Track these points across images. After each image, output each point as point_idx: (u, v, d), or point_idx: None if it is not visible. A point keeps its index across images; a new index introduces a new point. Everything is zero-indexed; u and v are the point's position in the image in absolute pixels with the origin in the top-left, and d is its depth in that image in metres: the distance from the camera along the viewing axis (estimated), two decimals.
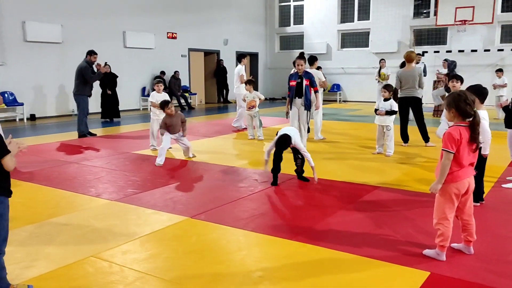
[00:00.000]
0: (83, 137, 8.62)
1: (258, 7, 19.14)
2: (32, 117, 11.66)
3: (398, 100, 7.42)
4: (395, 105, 6.66)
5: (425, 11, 16.29)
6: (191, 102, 15.58)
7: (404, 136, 7.54)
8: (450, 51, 15.16)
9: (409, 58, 7.40)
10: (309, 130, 7.01)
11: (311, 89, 6.79)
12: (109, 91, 11.42)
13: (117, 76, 11.73)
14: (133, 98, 14.36)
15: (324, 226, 3.78)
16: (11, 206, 4.36)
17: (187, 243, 3.44)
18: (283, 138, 4.93)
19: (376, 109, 6.77)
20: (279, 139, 4.95)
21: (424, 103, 8.27)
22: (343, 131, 9.35)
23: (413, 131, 7.59)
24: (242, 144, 8.05)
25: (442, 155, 2.98)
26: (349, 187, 4.98)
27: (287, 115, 7.08)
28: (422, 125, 7.45)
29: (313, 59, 8.16)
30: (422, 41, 16.31)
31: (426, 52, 15.18)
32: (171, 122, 6.37)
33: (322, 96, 14.00)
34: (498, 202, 4.43)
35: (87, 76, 8.67)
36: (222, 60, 17.23)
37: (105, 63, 9.13)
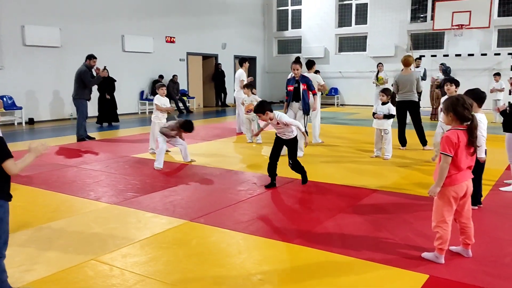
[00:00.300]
0: (82, 141, 8.62)
1: (256, 11, 19.22)
2: (31, 121, 11.65)
3: (396, 104, 7.47)
4: (393, 109, 6.70)
5: (422, 15, 16.39)
6: (189, 106, 15.60)
7: (402, 140, 7.58)
8: (447, 55, 15.23)
9: (406, 62, 7.45)
10: (307, 134, 7.00)
11: (309, 93, 6.82)
12: (108, 96, 11.40)
13: (115, 80, 11.72)
14: (132, 102, 14.36)
15: (323, 229, 3.80)
16: (11, 209, 4.37)
17: (187, 246, 3.45)
18: (261, 101, 5.15)
19: (374, 113, 6.81)
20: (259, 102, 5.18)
21: (421, 107, 8.31)
22: (341, 135, 9.38)
23: (411, 135, 7.63)
24: (240, 147, 8.07)
25: (440, 158, 3.01)
26: (347, 191, 5.01)
27: None
28: (420, 128, 7.49)
29: (311, 63, 8.20)
30: (419, 45, 16.39)
31: (423, 56, 15.23)
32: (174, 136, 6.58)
33: (320, 100, 14.06)
34: (496, 205, 4.46)
35: (86, 80, 8.68)
36: (220, 64, 17.28)
37: (104, 67, 9.14)
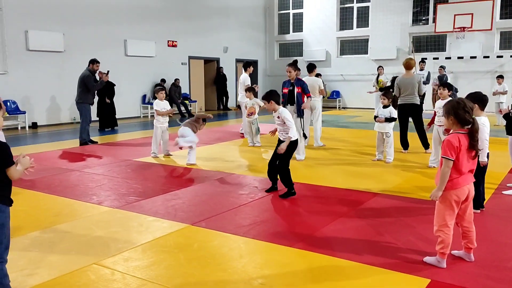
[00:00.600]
0: (85, 145, 8.65)
1: (258, 15, 19.27)
2: (34, 125, 11.70)
3: (397, 107, 7.46)
4: (394, 112, 6.70)
5: (424, 18, 16.40)
6: (191, 110, 15.63)
7: (404, 143, 7.57)
8: (449, 58, 15.25)
9: (408, 65, 7.45)
10: (306, 137, 7.02)
11: (303, 96, 6.85)
12: (108, 100, 11.39)
13: (114, 85, 11.70)
14: (134, 105, 14.41)
15: (324, 233, 3.80)
16: (14, 213, 4.39)
17: (188, 250, 3.45)
18: (271, 90, 5.10)
19: (375, 116, 6.82)
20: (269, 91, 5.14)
21: (424, 110, 8.31)
22: (343, 138, 9.38)
23: (413, 138, 7.62)
24: (242, 151, 8.08)
25: (442, 162, 3.01)
26: (349, 194, 5.00)
27: None
28: (422, 132, 7.48)
29: (311, 66, 8.21)
30: (421, 48, 16.40)
31: (426, 58, 15.25)
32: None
33: (321, 103, 14.07)
34: (499, 209, 4.45)
35: (90, 85, 8.74)
36: (222, 67, 17.32)
37: (107, 72, 9.17)
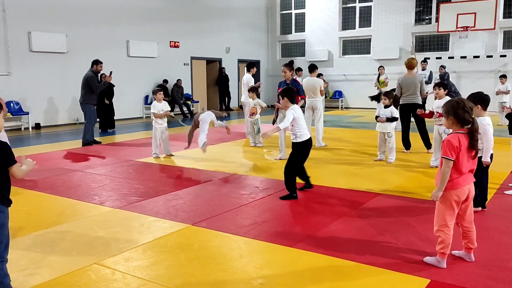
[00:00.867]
0: (88, 145, 8.69)
1: (260, 15, 19.28)
2: (37, 126, 11.75)
3: (399, 107, 7.45)
4: (395, 112, 6.69)
5: (427, 17, 16.36)
6: (193, 110, 15.66)
7: (406, 143, 7.55)
8: (452, 58, 15.21)
9: (410, 65, 7.43)
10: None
11: (298, 98, 6.87)
12: (107, 101, 11.38)
13: (113, 86, 11.64)
14: (136, 106, 14.45)
15: (325, 233, 3.80)
16: (16, 214, 4.42)
17: (189, 250, 3.46)
18: (289, 87, 5.10)
19: (377, 116, 6.81)
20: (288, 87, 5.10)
21: (427, 110, 8.28)
22: (345, 138, 9.37)
23: (415, 138, 7.61)
24: (243, 151, 8.09)
25: (442, 162, 3.00)
26: (350, 194, 5.00)
27: (273, 122, 7.16)
28: (424, 132, 7.46)
29: (313, 67, 8.22)
30: (424, 48, 16.36)
31: (428, 58, 15.21)
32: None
33: (324, 103, 14.05)
34: (500, 208, 4.44)
35: (93, 86, 8.80)
36: (224, 68, 17.34)
37: (110, 72, 9.20)
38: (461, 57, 14.95)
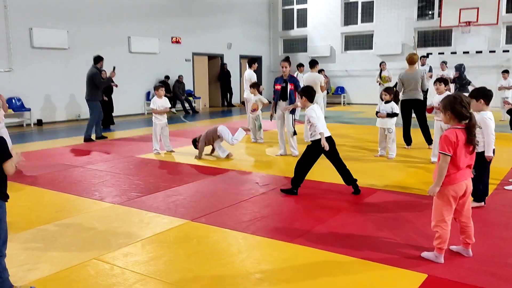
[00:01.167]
0: (89, 141, 8.72)
1: (262, 10, 19.22)
2: (39, 122, 11.79)
3: (400, 103, 7.43)
4: (396, 108, 6.67)
5: (429, 12, 16.27)
6: (195, 106, 15.66)
7: (407, 139, 7.54)
8: (454, 53, 15.12)
9: (411, 60, 7.40)
10: (295, 133, 7.02)
11: (295, 93, 6.85)
12: (106, 98, 11.33)
13: (116, 85, 11.54)
14: (138, 102, 14.47)
15: (324, 228, 3.80)
16: (16, 209, 4.45)
17: (188, 245, 3.48)
18: (308, 86, 5.08)
19: (377, 112, 6.79)
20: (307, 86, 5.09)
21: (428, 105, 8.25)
22: (346, 134, 9.35)
23: (417, 134, 7.59)
24: (244, 147, 8.09)
25: (439, 157, 3.00)
26: (350, 190, 4.97)
27: (271, 117, 7.14)
28: (425, 127, 7.44)
29: (313, 62, 8.20)
30: (427, 43, 16.28)
31: (431, 53, 15.15)
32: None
33: (326, 99, 13.99)
34: (500, 204, 4.43)
35: (97, 82, 8.89)
36: (225, 64, 17.31)
37: (114, 68, 9.21)
38: (464, 52, 14.86)
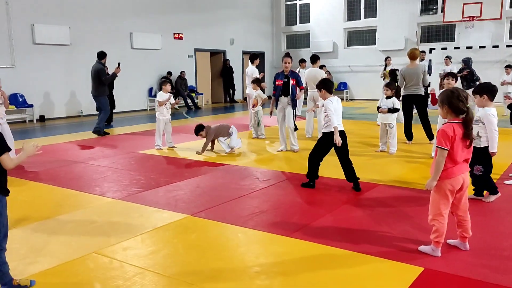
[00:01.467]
0: (98, 134, 8.90)
1: (264, 6, 19.17)
2: (42, 119, 11.85)
3: (401, 98, 7.41)
4: (397, 103, 6.67)
5: (433, 7, 16.18)
6: (197, 102, 15.68)
7: (408, 134, 7.53)
8: (458, 48, 15.04)
9: (412, 55, 7.38)
10: (296, 129, 7.01)
11: (297, 89, 6.84)
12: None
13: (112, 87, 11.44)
14: (141, 98, 14.50)
15: (323, 223, 3.82)
16: (18, 204, 4.49)
17: (187, 240, 3.51)
18: (325, 79, 5.22)
19: (378, 107, 6.79)
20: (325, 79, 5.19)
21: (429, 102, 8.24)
22: (348, 130, 9.14)
23: (418, 129, 7.57)
24: (246, 143, 8.10)
25: (437, 152, 3.01)
26: (350, 185, 4.99)
27: (271, 114, 7.11)
28: (426, 122, 7.43)
29: (315, 58, 8.19)
30: (430, 38, 16.19)
31: (434, 49, 15.08)
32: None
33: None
34: (499, 198, 4.41)
35: (103, 77, 9.00)
36: (228, 59, 17.30)
37: (119, 64, 9.24)
38: (467, 47, 14.77)
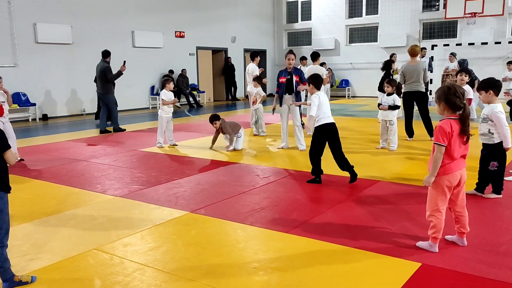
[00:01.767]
0: (119, 131, 9.28)
1: (266, 3, 19.15)
2: (44, 117, 11.92)
3: (402, 95, 7.41)
4: (398, 100, 6.67)
5: (435, 4, 16.12)
6: (199, 100, 15.71)
7: (409, 131, 7.53)
8: (460, 44, 14.96)
9: (413, 52, 7.37)
10: (303, 126, 7.02)
11: (300, 84, 6.83)
12: None
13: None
14: (142, 97, 14.55)
15: (322, 219, 3.84)
16: (20, 202, 4.54)
17: (186, 236, 3.54)
18: (316, 74, 5.20)
19: (379, 104, 6.80)
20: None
21: (432, 97, 8.23)
22: (349, 127, 9.36)
23: (419, 126, 7.57)
24: (247, 140, 8.12)
25: (434, 148, 3.02)
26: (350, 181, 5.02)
27: (273, 111, 7.10)
28: (427, 119, 7.43)
29: (315, 55, 8.20)
30: (432, 35, 16.15)
31: (436, 45, 15.02)
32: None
33: (329, 92, 13.94)
34: None
35: (109, 76, 9.09)
36: (230, 57, 17.32)
37: (124, 62, 9.29)
38: (469, 44, 14.68)
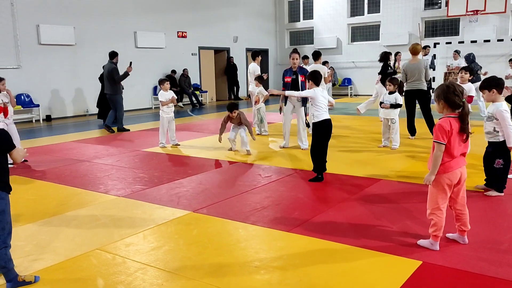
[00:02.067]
0: (123, 131, 9.34)
1: (267, 3, 19.15)
2: (48, 118, 11.97)
3: (404, 93, 7.40)
4: (399, 98, 6.67)
5: (437, 1, 16.07)
6: (202, 100, 15.73)
7: (411, 129, 7.52)
8: (462, 42, 14.94)
9: (414, 50, 7.36)
10: (308, 125, 7.03)
11: (306, 85, 6.83)
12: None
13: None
14: (145, 97, 14.59)
15: (323, 218, 3.85)
16: (23, 202, 4.58)
17: (188, 236, 3.56)
18: (315, 71, 5.29)
19: (381, 102, 6.80)
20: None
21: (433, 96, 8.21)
22: (351, 126, 9.36)
23: (421, 124, 7.56)
24: (248, 140, 8.12)
25: (434, 146, 3.03)
26: (352, 180, 5.03)
27: (280, 110, 7.13)
28: (429, 117, 7.42)
29: (317, 54, 8.21)
30: (434, 33, 16.11)
31: (438, 43, 14.98)
32: (232, 121, 6.93)
33: (331, 91, 13.93)
34: None
35: (116, 76, 9.17)
36: (232, 57, 17.33)
37: (130, 63, 9.33)
38: (472, 42, 14.66)
